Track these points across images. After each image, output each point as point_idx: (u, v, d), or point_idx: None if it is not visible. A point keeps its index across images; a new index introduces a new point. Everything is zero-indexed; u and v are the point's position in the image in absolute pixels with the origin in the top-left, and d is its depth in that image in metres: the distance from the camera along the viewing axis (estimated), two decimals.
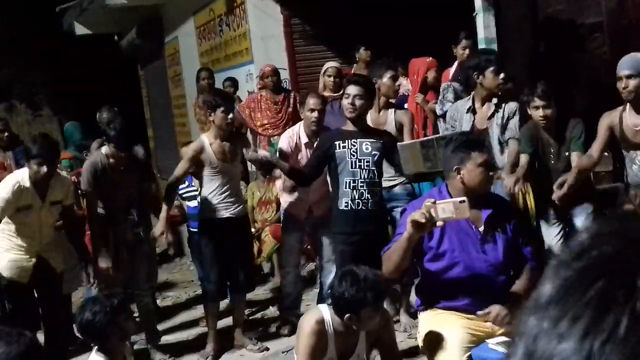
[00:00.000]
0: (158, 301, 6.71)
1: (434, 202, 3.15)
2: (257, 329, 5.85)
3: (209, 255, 5.37)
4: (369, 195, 4.60)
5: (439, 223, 3.16)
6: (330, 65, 6.81)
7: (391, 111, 5.34)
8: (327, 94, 6.69)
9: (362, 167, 4.59)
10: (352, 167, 4.59)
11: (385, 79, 5.34)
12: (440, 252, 3.47)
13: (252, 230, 6.66)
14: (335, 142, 4.64)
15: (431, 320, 3.49)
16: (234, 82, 8.11)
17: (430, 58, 6.19)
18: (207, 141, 5.19)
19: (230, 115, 5.14)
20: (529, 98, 4.64)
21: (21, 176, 4.78)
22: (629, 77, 4.24)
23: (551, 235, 4.85)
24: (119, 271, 5.21)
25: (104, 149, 5.19)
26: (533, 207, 4.91)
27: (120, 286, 5.20)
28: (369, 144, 4.62)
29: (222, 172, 5.19)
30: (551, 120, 4.61)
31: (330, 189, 5.01)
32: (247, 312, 6.12)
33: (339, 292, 3.11)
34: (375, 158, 4.60)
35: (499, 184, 4.61)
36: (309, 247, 6.70)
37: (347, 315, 3.12)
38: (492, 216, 3.47)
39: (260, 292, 6.69)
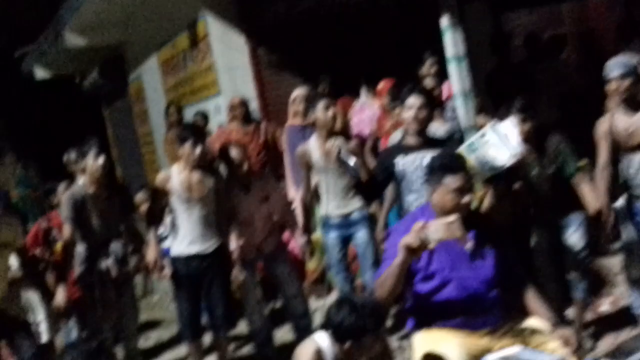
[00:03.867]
0: (140, 341, 6.58)
1: (424, 225, 3.12)
2: None
3: (178, 293, 5.28)
4: None
5: (432, 245, 3.13)
6: (299, 92, 6.81)
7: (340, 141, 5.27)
8: (297, 121, 6.69)
9: None
10: (415, 185, 4.39)
11: (319, 111, 5.14)
12: (430, 273, 3.44)
13: None
14: (396, 158, 4.48)
15: (426, 340, 3.44)
16: (203, 116, 8.08)
17: (381, 84, 6.11)
18: (176, 171, 5.11)
19: (200, 149, 5.04)
20: (506, 114, 4.53)
21: None
22: (622, 77, 4.26)
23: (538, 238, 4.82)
24: (105, 311, 5.02)
25: (82, 180, 5.03)
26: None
27: (108, 327, 5.06)
28: None
29: (188, 204, 5.07)
30: (530, 135, 4.56)
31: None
32: (233, 347, 6.05)
33: (337, 319, 3.07)
34: None
35: None
36: None
37: (347, 344, 3.07)
38: (478, 233, 3.47)
39: (244, 327, 6.61)
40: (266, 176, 5.74)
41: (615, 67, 4.34)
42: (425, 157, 4.30)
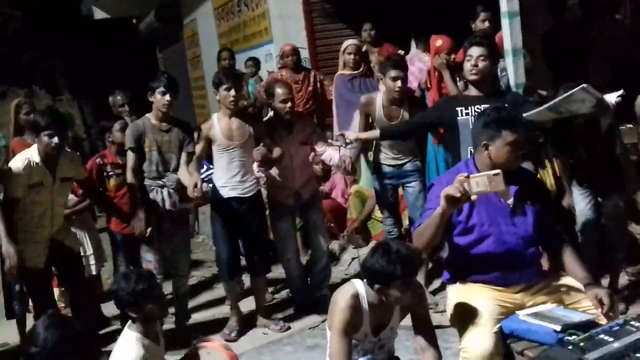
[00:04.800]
0: None
1: (467, 176, 3.14)
2: (283, 307, 5.90)
3: (217, 235, 5.40)
4: None
5: (473, 197, 3.14)
6: (350, 42, 6.83)
7: (404, 108, 5.31)
8: (347, 71, 6.73)
9: None
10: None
11: (387, 78, 5.20)
12: (469, 226, 3.45)
13: None
14: (457, 109, 4.48)
15: (461, 292, 3.49)
16: (255, 62, 8.13)
17: (440, 41, 6.02)
18: (216, 119, 5.23)
19: (233, 93, 5.10)
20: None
21: (31, 152, 4.67)
22: None
23: (582, 203, 4.81)
24: (158, 244, 5.16)
25: (148, 114, 5.12)
26: (552, 183, 4.97)
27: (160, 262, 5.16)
28: None
29: (228, 150, 5.18)
30: None
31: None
32: (271, 289, 6.19)
33: (369, 263, 3.12)
34: None
35: None
36: (332, 224, 6.74)
37: (376, 287, 3.13)
38: (520, 189, 3.47)
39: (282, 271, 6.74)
40: (308, 119, 5.78)
41: None
42: None
